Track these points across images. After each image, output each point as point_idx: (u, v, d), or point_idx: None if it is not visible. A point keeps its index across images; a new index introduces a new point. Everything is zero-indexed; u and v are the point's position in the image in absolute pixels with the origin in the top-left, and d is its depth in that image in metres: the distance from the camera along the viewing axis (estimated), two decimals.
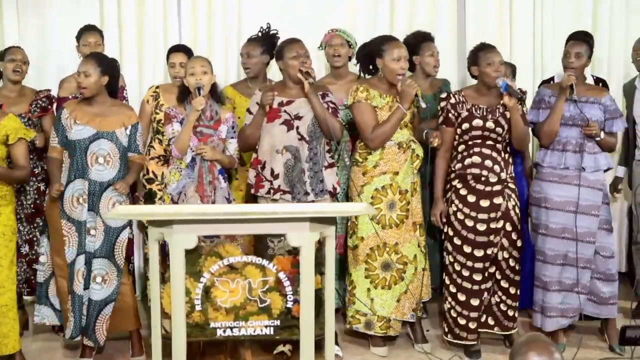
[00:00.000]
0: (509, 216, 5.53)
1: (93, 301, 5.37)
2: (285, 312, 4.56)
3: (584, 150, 5.58)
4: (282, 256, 4.71)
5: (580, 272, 5.59)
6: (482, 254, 5.52)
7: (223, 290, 4.53)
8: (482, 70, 5.51)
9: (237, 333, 4.56)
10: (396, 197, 5.57)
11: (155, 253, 4.48)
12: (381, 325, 5.63)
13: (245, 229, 4.62)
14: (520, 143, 5.60)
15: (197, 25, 7.00)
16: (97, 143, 5.37)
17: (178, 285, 4.38)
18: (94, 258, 5.36)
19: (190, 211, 4.76)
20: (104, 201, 5.38)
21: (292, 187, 5.48)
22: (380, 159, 5.57)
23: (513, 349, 3.19)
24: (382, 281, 5.59)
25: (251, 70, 6.20)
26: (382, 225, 5.57)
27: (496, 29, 7.17)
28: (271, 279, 4.56)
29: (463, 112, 5.55)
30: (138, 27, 6.96)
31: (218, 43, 6.92)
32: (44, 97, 6.09)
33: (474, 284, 5.55)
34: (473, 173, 5.53)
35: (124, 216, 5.15)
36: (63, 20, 6.94)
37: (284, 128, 5.49)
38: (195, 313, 4.51)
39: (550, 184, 5.65)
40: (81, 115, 5.39)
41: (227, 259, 4.53)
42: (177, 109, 5.45)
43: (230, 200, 5.50)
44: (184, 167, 5.39)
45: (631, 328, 3.98)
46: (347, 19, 6.94)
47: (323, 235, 4.50)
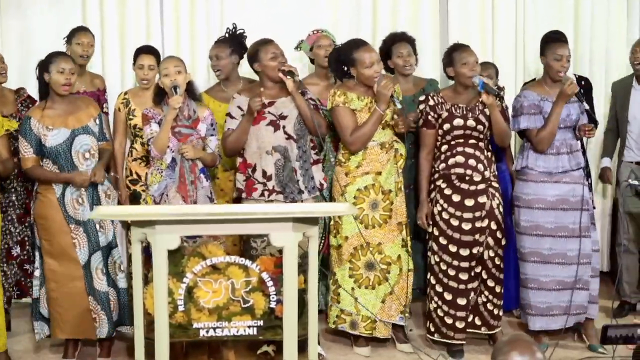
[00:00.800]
0: (493, 215, 5.56)
1: (121, 289, 5.44)
2: (268, 313, 4.56)
3: (576, 150, 5.63)
4: (266, 256, 4.71)
5: (580, 268, 5.59)
6: (467, 253, 5.53)
7: (206, 290, 4.53)
8: (458, 71, 5.54)
9: (220, 333, 4.55)
10: (379, 197, 5.57)
11: (138, 253, 4.47)
12: (366, 326, 5.63)
13: (229, 229, 4.62)
14: (501, 139, 5.62)
15: (179, 26, 6.96)
16: (78, 140, 5.37)
17: (161, 286, 4.37)
18: (112, 249, 5.44)
19: (173, 211, 4.75)
20: (101, 195, 5.44)
21: (284, 187, 5.47)
22: (363, 159, 5.58)
23: (495, 349, 3.19)
24: (365, 281, 5.60)
25: (222, 72, 6.18)
26: (365, 225, 5.57)
27: (478, 28, 7.17)
28: (254, 279, 4.56)
29: (443, 112, 5.57)
30: (120, 29, 6.92)
31: (201, 44, 6.89)
32: (27, 97, 6.06)
33: (460, 283, 5.56)
34: (457, 173, 5.55)
35: (107, 216, 5.15)
36: (45, 22, 6.89)
37: (270, 129, 5.49)
38: (178, 313, 4.50)
39: (542, 184, 5.64)
40: (50, 120, 5.36)
41: (210, 259, 4.53)
42: (154, 110, 5.43)
43: (212, 199, 5.50)
44: (165, 168, 5.37)
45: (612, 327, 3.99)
46: (330, 20, 6.93)
47: (306, 235, 4.50)
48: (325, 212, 5.26)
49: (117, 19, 6.93)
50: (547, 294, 5.65)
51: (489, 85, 5.40)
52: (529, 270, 5.69)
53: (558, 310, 5.65)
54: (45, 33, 6.83)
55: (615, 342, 3.98)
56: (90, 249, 5.38)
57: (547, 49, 5.68)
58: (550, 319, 5.67)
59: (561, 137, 5.61)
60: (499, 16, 7.19)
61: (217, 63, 6.16)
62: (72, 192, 5.37)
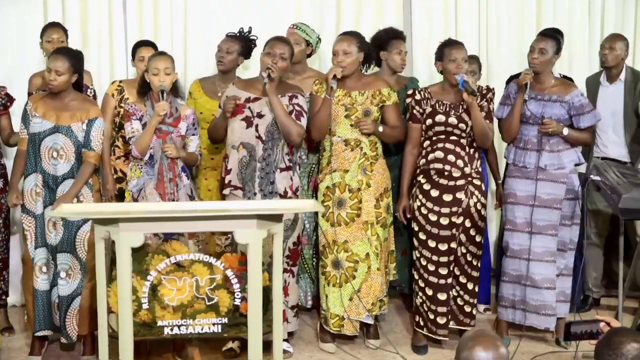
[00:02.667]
0: (469, 213, 5.58)
1: (61, 297, 5.34)
2: (233, 310, 4.55)
3: (543, 149, 5.62)
4: (230, 253, 4.70)
5: (544, 267, 5.64)
6: (446, 248, 5.57)
7: (170, 288, 4.51)
8: (445, 67, 5.57)
9: (184, 331, 4.53)
10: (345, 195, 5.59)
11: (102, 252, 4.45)
12: (334, 323, 5.65)
13: (192, 227, 4.61)
14: (481, 139, 5.60)
15: (142, 21, 6.91)
16: (53, 137, 5.33)
17: (125, 284, 4.35)
18: (57, 253, 5.33)
19: (136, 209, 4.74)
20: (59, 195, 5.34)
21: (244, 184, 5.46)
22: (331, 155, 5.62)
23: (459, 344, 3.21)
24: (333, 279, 5.62)
25: (224, 65, 6.18)
26: (331, 223, 5.59)
27: (442, 26, 7.19)
28: (219, 276, 4.55)
29: (427, 108, 5.60)
30: (82, 25, 6.85)
31: (164, 40, 6.85)
32: (4, 95, 5.98)
33: (440, 279, 5.59)
34: (436, 168, 5.58)
35: (69, 215, 5.09)
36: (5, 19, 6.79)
37: (243, 124, 5.48)
38: (142, 312, 4.48)
39: (515, 180, 5.71)
40: (41, 108, 5.35)
41: (174, 257, 4.52)
42: (136, 106, 5.40)
43: (193, 197, 5.47)
44: (144, 164, 5.35)
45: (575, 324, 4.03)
46: (293, 17, 6.91)
47: (271, 232, 4.50)
48: (289, 209, 5.25)
49: (78, 15, 6.86)
50: (517, 288, 5.72)
51: (469, 84, 5.40)
52: (504, 263, 5.80)
53: (525, 306, 5.70)
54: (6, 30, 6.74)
55: (579, 338, 4.01)
56: (36, 243, 5.34)
57: None
58: (519, 313, 5.73)
59: (529, 133, 5.65)
60: (461, 15, 7.22)
61: (224, 55, 6.16)
62: (33, 182, 5.34)
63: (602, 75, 6.51)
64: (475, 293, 5.73)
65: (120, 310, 4.38)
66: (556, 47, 5.71)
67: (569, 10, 7.31)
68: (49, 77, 5.33)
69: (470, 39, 7.18)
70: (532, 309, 5.68)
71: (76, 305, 5.36)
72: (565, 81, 5.99)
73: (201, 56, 6.88)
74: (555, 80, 5.79)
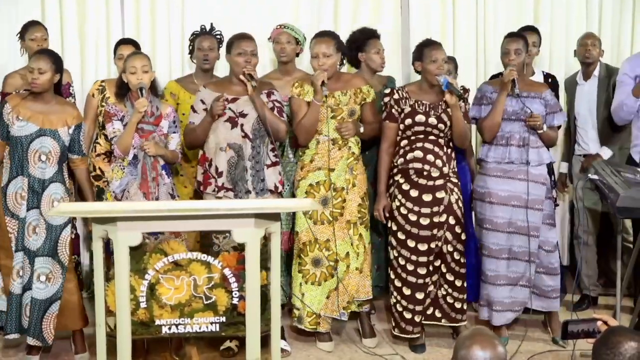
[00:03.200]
0: (452, 210, 5.58)
1: (38, 300, 5.30)
2: (230, 309, 4.55)
3: (527, 144, 5.64)
4: (228, 252, 4.70)
5: (525, 266, 5.67)
6: (426, 248, 5.56)
7: (168, 287, 4.51)
8: (425, 67, 5.56)
9: (182, 330, 4.53)
10: (329, 194, 5.58)
11: (99, 251, 4.45)
12: (310, 321, 5.65)
13: (191, 226, 4.60)
14: (460, 140, 5.63)
15: (139, 19, 6.91)
16: (40, 140, 5.30)
17: (122, 283, 4.35)
18: (36, 257, 5.29)
19: (134, 208, 4.73)
20: (45, 199, 5.32)
21: (235, 184, 5.45)
22: (316, 153, 5.61)
23: (457, 343, 3.21)
24: (312, 277, 5.61)
25: (210, 63, 6.21)
26: (314, 221, 5.59)
27: (439, 25, 7.20)
28: (216, 275, 4.54)
29: (406, 107, 5.59)
30: (80, 23, 6.86)
31: (162, 38, 6.86)
32: None
33: (418, 278, 5.58)
34: (415, 167, 5.57)
35: (67, 214, 5.09)
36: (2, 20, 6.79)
37: (228, 125, 5.47)
38: (140, 310, 4.48)
39: (494, 179, 5.69)
40: (24, 111, 5.31)
41: (171, 256, 4.51)
42: (117, 107, 5.41)
43: (174, 196, 5.47)
44: (127, 164, 5.34)
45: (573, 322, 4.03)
46: (291, 17, 6.91)
47: (268, 231, 4.50)
48: (287, 208, 5.26)
49: (76, 14, 6.85)
50: (490, 288, 5.73)
51: (453, 85, 5.42)
52: (482, 263, 5.79)
53: (500, 306, 5.73)
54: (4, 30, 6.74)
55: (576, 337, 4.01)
56: (16, 247, 5.32)
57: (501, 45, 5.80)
58: (493, 313, 5.75)
59: (514, 129, 5.66)
60: (459, 13, 7.22)
61: (208, 53, 6.17)
62: (15, 186, 5.31)
63: (578, 75, 6.58)
64: (464, 289, 5.72)
65: (118, 309, 4.38)
66: (527, 46, 5.80)
67: (567, 9, 7.31)
68: (31, 76, 5.29)
69: (467, 36, 7.20)
70: (506, 307, 5.71)
71: (55, 309, 5.34)
72: (535, 82, 6.08)
73: None
74: (529, 79, 5.93)
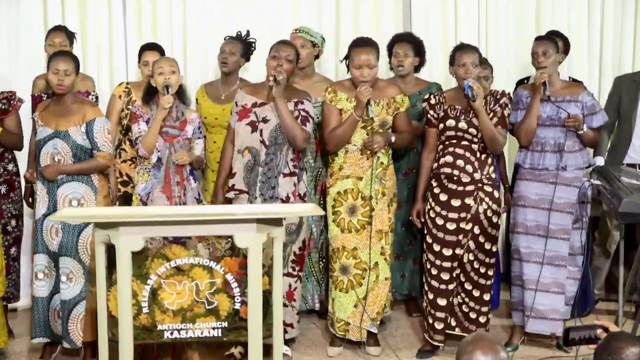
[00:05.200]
0: (478, 219, 5.54)
1: (63, 302, 5.33)
2: (232, 314, 4.55)
3: (562, 149, 5.60)
4: (230, 258, 4.70)
5: (555, 270, 5.63)
6: (450, 253, 5.54)
7: (170, 292, 4.50)
8: (455, 71, 5.55)
9: (184, 335, 4.53)
10: (357, 202, 5.57)
11: (102, 255, 4.45)
12: (339, 327, 5.65)
13: (192, 231, 4.60)
14: (490, 144, 5.53)
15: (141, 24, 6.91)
16: (52, 142, 5.34)
17: (125, 288, 4.35)
18: (59, 257, 5.32)
19: (136, 213, 4.74)
20: (60, 199, 5.35)
21: (249, 187, 5.47)
22: (344, 162, 5.59)
23: (459, 348, 3.21)
24: (340, 283, 5.60)
25: (227, 67, 6.18)
26: (341, 229, 5.58)
27: (441, 27, 7.19)
28: (218, 280, 4.54)
29: (440, 112, 5.58)
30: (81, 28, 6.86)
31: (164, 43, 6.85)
32: (4, 99, 5.97)
33: (441, 283, 5.57)
34: (445, 172, 5.55)
35: (69, 219, 5.10)
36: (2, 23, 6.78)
37: (248, 129, 5.49)
38: (142, 315, 4.48)
39: (526, 182, 5.67)
40: (43, 117, 5.39)
41: (174, 261, 4.51)
42: (143, 109, 5.47)
43: (200, 201, 5.51)
44: (151, 167, 5.37)
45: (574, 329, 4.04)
46: (291, 20, 6.91)
47: (271, 236, 4.50)
48: (289, 213, 5.25)
49: (78, 19, 6.86)
50: (525, 292, 5.67)
51: (473, 89, 5.38)
52: (513, 267, 5.77)
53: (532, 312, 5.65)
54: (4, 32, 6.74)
55: (577, 343, 4.02)
56: (36, 250, 5.35)
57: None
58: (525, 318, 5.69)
59: (547, 135, 5.62)
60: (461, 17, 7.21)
61: (227, 57, 6.16)
62: (40, 189, 5.36)
63: None
64: (484, 301, 5.64)
65: (120, 314, 4.38)
66: (556, 48, 5.69)
67: (568, 11, 7.29)
68: (56, 78, 5.30)
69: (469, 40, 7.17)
70: (538, 314, 5.65)
71: (81, 310, 5.34)
72: (572, 82, 6.03)
73: (200, 59, 6.89)
74: (562, 82, 5.80)
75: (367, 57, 5.47)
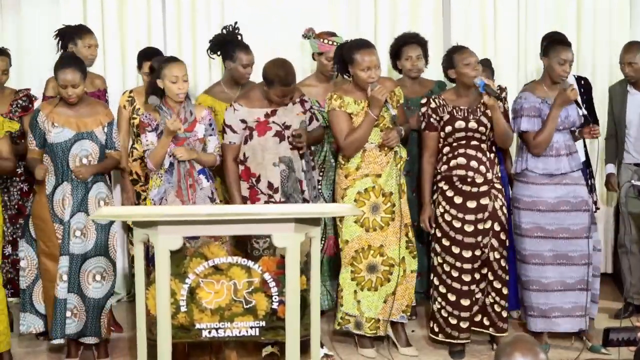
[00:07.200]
0: (496, 216, 5.54)
1: (94, 300, 5.39)
2: (270, 313, 4.55)
3: (574, 151, 5.63)
4: (268, 257, 4.70)
5: (581, 269, 5.61)
6: (470, 255, 5.52)
7: (208, 291, 4.52)
8: (460, 72, 5.51)
9: (222, 334, 4.54)
10: (379, 200, 5.55)
11: (141, 254, 4.47)
12: (370, 326, 5.62)
13: (231, 230, 4.62)
14: (503, 140, 5.58)
15: (181, 25, 6.95)
16: (80, 144, 5.35)
17: (163, 287, 4.37)
18: (87, 258, 5.36)
19: (175, 212, 4.76)
20: (91, 200, 5.37)
21: (288, 197, 5.46)
22: (362, 161, 5.55)
23: (498, 349, 3.19)
24: (367, 283, 5.58)
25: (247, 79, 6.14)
26: (365, 228, 5.55)
27: (480, 29, 7.16)
28: (256, 280, 4.55)
29: (444, 115, 5.54)
30: (121, 28, 6.90)
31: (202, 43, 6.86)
32: (24, 97, 6.03)
33: (463, 285, 5.55)
34: (459, 175, 5.53)
35: (109, 217, 5.14)
36: (43, 21, 6.86)
37: (276, 140, 5.47)
38: (180, 314, 4.49)
39: (540, 187, 5.62)
40: (58, 118, 5.35)
41: (212, 260, 4.52)
42: (151, 115, 5.37)
43: (214, 199, 5.47)
44: (164, 172, 5.35)
45: (614, 330, 3.99)
46: (329, 22, 6.88)
47: (309, 235, 4.50)
48: (328, 213, 5.25)
49: (117, 18, 6.91)
50: (549, 296, 5.65)
51: (490, 86, 5.38)
52: (530, 272, 5.68)
53: (560, 312, 5.65)
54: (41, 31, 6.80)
55: (617, 345, 3.98)
56: (61, 251, 5.35)
57: (550, 51, 5.63)
58: (551, 321, 5.67)
59: (560, 139, 5.61)
60: (500, 17, 7.17)
61: (249, 70, 6.10)
62: (61, 192, 5.35)
63: (627, 84, 6.39)
64: (507, 297, 5.69)
65: (158, 313, 4.39)
66: None
67: (609, 12, 7.22)
68: (65, 92, 5.30)
69: (508, 39, 7.16)
70: (565, 312, 5.64)
71: (109, 306, 5.46)
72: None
73: None
74: None
75: (374, 58, 5.46)
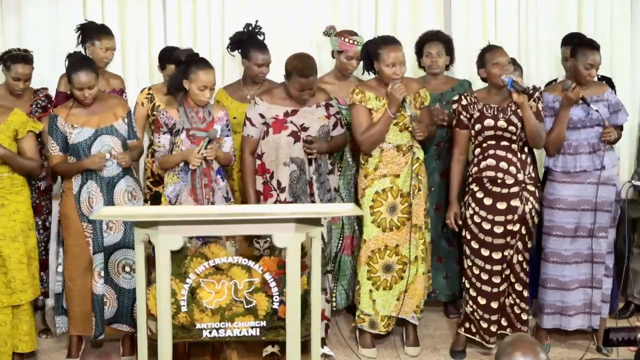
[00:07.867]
0: (525, 220, 5.53)
1: (125, 290, 5.47)
2: (271, 313, 4.56)
3: (599, 149, 5.56)
4: (268, 257, 4.71)
5: (595, 268, 5.61)
6: (500, 257, 5.53)
7: (209, 291, 4.52)
8: (489, 71, 5.50)
9: (222, 334, 4.54)
10: (397, 200, 5.56)
11: (141, 254, 4.47)
12: (384, 324, 5.68)
13: (231, 230, 4.61)
14: (534, 140, 5.51)
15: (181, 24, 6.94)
16: (100, 140, 5.39)
17: (164, 287, 4.37)
18: (116, 250, 5.42)
19: (176, 212, 4.76)
20: (117, 194, 5.42)
21: (296, 198, 5.46)
22: (380, 161, 5.56)
23: (498, 349, 3.20)
24: (383, 283, 5.61)
25: (264, 79, 6.17)
26: (382, 229, 5.57)
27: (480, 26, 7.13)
28: (257, 280, 4.55)
29: (475, 112, 5.54)
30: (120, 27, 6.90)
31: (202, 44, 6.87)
32: (44, 97, 6.02)
33: (493, 287, 5.56)
34: (489, 176, 5.51)
35: (109, 217, 5.14)
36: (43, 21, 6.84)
37: (291, 140, 5.47)
38: (180, 314, 4.50)
39: (562, 185, 5.62)
40: (76, 119, 5.39)
41: (212, 260, 4.53)
42: (168, 113, 5.41)
43: (229, 199, 5.50)
44: (180, 169, 5.37)
45: (614, 330, 4.00)
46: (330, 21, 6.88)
47: (309, 235, 4.50)
48: (328, 213, 5.25)
49: (117, 18, 6.89)
50: (565, 294, 5.66)
51: (518, 83, 5.35)
52: (549, 270, 5.70)
53: (574, 310, 5.66)
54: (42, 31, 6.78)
55: (617, 344, 3.99)
56: (95, 248, 5.40)
57: (579, 54, 5.59)
58: (565, 318, 5.68)
59: (580, 137, 5.57)
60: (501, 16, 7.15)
61: (264, 70, 6.11)
62: (87, 191, 5.39)
63: None
64: (528, 299, 5.71)
65: (159, 312, 4.40)
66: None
67: (610, 12, 7.21)
68: (81, 94, 5.32)
69: (509, 38, 7.13)
70: (579, 310, 5.65)
71: None
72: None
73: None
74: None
75: (399, 54, 5.47)
